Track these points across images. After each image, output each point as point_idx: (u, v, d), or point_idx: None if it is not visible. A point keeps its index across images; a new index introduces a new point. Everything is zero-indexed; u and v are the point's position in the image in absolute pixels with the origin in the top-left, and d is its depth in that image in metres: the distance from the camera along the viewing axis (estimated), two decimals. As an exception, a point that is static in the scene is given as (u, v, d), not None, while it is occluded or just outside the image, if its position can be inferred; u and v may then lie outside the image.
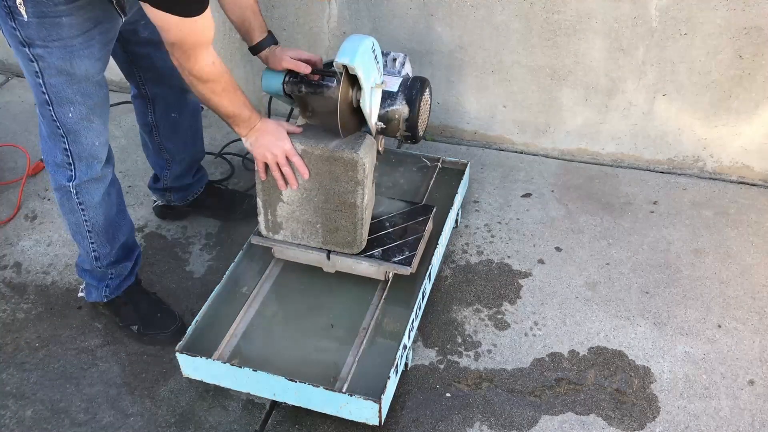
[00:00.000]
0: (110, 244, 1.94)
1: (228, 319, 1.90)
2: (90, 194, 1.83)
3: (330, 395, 1.67)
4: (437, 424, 1.78)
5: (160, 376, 1.92)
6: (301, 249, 1.95)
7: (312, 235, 1.91)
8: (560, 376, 1.89)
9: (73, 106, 1.69)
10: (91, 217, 1.86)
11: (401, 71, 2.01)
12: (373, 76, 1.78)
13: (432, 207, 2.10)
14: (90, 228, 1.88)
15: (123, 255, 1.99)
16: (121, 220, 1.96)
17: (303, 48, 2.40)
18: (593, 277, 2.16)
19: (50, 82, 1.64)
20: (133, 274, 2.04)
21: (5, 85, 3.14)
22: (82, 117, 1.71)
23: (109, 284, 2.00)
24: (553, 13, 2.33)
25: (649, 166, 2.58)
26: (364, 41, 1.72)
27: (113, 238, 1.94)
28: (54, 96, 1.66)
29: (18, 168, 2.63)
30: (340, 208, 1.84)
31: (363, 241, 1.91)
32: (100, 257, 1.94)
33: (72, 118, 1.70)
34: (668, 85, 2.38)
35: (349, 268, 1.95)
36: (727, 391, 1.84)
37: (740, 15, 2.17)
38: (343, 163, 1.77)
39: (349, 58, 1.70)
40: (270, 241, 1.97)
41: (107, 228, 1.91)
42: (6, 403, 1.86)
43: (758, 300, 2.07)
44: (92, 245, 1.91)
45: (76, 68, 1.64)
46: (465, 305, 2.08)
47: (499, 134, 2.68)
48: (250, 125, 1.77)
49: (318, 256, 1.95)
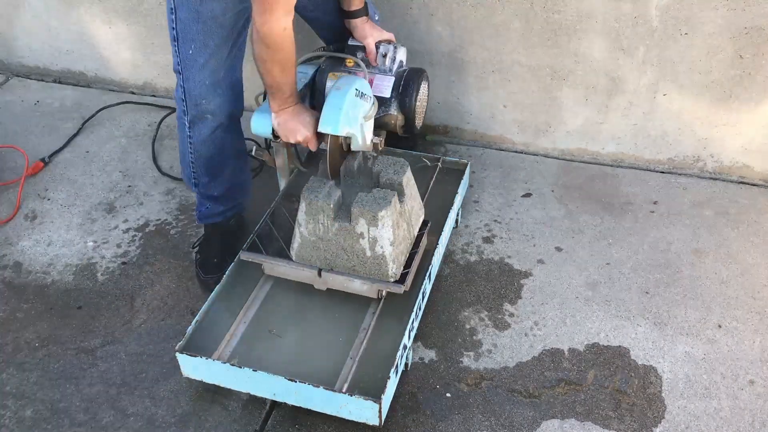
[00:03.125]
0: (209, 176, 2.07)
1: (228, 319, 1.90)
2: (199, 130, 1.97)
3: (330, 395, 1.67)
4: (437, 424, 1.78)
5: (160, 376, 1.91)
6: (292, 266, 1.91)
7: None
8: (560, 376, 1.88)
9: (194, 44, 1.82)
10: (196, 150, 2.01)
11: (393, 68, 2.01)
12: (361, 119, 1.82)
13: (427, 222, 2.05)
14: (194, 159, 2.04)
15: (222, 194, 2.12)
16: (225, 160, 2.06)
17: (302, 47, 2.39)
18: (593, 277, 2.16)
19: (180, 17, 1.80)
20: (223, 215, 2.17)
21: (5, 85, 3.14)
22: (199, 55, 1.84)
23: (201, 210, 2.18)
24: (554, 13, 2.33)
25: (649, 166, 2.58)
26: (345, 99, 1.76)
27: (214, 174, 2.07)
28: (180, 32, 1.82)
29: (18, 168, 2.63)
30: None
31: (396, 273, 1.87)
32: (199, 184, 2.10)
33: (191, 55, 1.84)
34: (668, 85, 2.38)
35: (341, 285, 1.91)
36: (728, 391, 1.84)
37: (740, 15, 2.17)
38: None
39: (331, 127, 1.77)
40: (260, 257, 1.94)
41: (209, 163, 2.04)
42: (6, 403, 1.86)
43: (758, 300, 2.07)
44: (194, 173, 2.08)
45: (204, 7, 1.77)
46: (465, 305, 2.08)
47: (499, 134, 2.68)
48: (285, 105, 1.84)
49: (309, 273, 1.91)
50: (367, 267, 1.84)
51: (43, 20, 2.97)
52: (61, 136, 2.80)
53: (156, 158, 2.67)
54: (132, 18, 2.84)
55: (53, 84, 3.13)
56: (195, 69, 1.87)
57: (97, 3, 2.84)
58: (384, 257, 1.81)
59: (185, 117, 1.96)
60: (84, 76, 3.10)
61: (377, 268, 1.83)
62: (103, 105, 2.95)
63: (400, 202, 1.85)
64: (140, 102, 2.98)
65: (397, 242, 1.83)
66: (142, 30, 2.86)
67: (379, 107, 1.94)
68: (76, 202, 2.49)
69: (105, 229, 2.38)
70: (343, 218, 1.81)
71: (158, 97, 3.02)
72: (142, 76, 3.02)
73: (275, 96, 1.82)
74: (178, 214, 2.43)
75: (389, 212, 1.78)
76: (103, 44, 2.97)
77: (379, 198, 1.79)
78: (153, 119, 2.88)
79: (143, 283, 2.18)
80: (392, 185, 1.87)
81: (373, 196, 1.80)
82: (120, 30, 2.89)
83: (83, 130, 2.84)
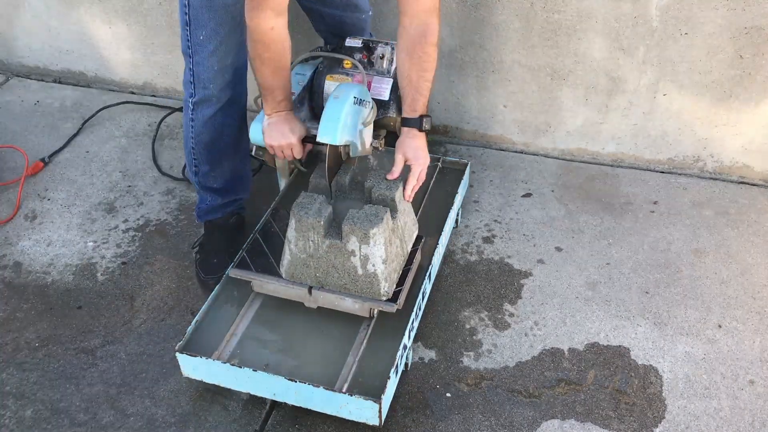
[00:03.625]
0: (209, 164, 2.07)
1: (228, 319, 1.90)
2: (201, 113, 1.99)
3: (330, 395, 1.67)
4: (437, 424, 1.78)
5: (160, 376, 1.91)
6: (282, 283, 1.86)
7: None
8: (560, 376, 1.89)
9: (205, 30, 1.85)
10: (197, 134, 2.02)
11: (391, 70, 2.01)
12: (360, 126, 1.83)
13: (421, 237, 2.00)
14: (194, 145, 2.05)
15: (222, 186, 2.13)
16: (224, 148, 2.07)
17: (302, 47, 2.39)
18: (593, 277, 2.16)
19: (193, 4, 1.83)
20: (222, 211, 2.18)
21: (5, 84, 3.14)
22: (210, 42, 1.87)
23: (201, 206, 2.18)
24: (553, 13, 2.33)
25: (649, 166, 2.58)
26: (343, 109, 1.75)
27: (214, 161, 2.08)
28: (193, 18, 1.85)
29: (18, 168, 2.63)
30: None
31: (388, 291, 1.82)
32: (199, 173, 2.10)
33: (202, 41, 1.87)
34: (668, 85, 2.38)
35: (332, 304, 1.85)
36: (728, 391, 1.84)
37: (740, 15, 2.17)
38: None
39: (330, 137, 1.76)
40: (249, 274, 1.89)
41: (209, 148, 2.05)
42: (6, 403, 1.86)
43: (758, 300, 2.07)
44: (194, 160, 2.08)
45: None
46: (465, 305, 2.08)
47: (499, 134, 2.68)
48: (277, 109, 1.85)
49: (299, 291, 1.85)
50: (359, 285, 1.79)
51: (43, 20, 2.97)
52: (61, 136, 2.80)
53: (156, 158, 2.67)
54: (132, 18, 2.84)
55: (53, 84, 3.13)
56: (205, 54, 1.89)
57: (97, 3, 2.84)
58: (376, 275, 1.76)
59: (191, 100, 1.98)
60: (84, 76, 3.10)
61: (369, 286, 1.78)
62: (103, 105, 2.95)
63: (392, 219, 1.79)
64: (140, 102, 2.98)
65: (389, 260, 1.78)
66: (142, 30, 2.86)
67: (379, 109, 1.94)
68: (76, 202, 2.49)
69: (105, 229, 2.38)
70: (334, 235, 1.75)
71: (158, 97, 3.02)
72: (142, 76, 3.02)
73: (267, 98, 1.83)
74: (178, 214, 2.43)
75: (381, 230, 1.72)
76: (103, 44, 2.97)
77: (371, 215, 1.73)
78: (153, 119, 2.88)
79: (143, 283, 2.18)
80: (385, 201, 1.82)
81: (365, 213, 1.74)
82: (120, 30, 2.89)
83: (83, 130, 2.84)
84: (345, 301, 1.83)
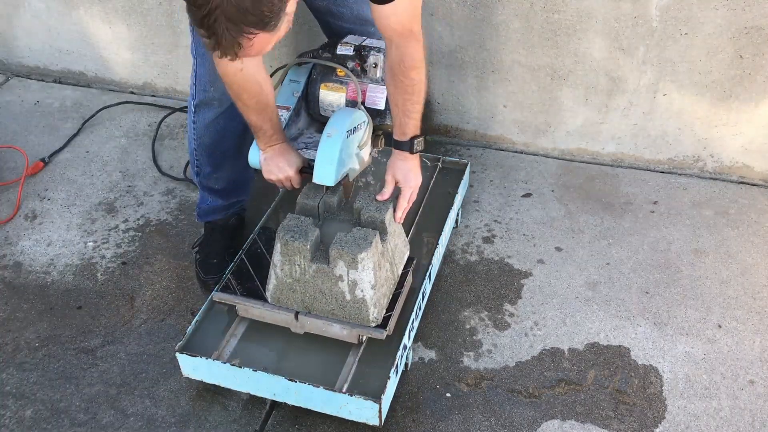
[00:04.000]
0: (211, 166, 2.08)
1: (228, 320, 1.90)
2: (203, 115, 1.99)
3: (330, 395, 1.67)
4: (437, 424, 1.78)
5: (160, 376, 1.91)
6: (267, 308, 1.81)
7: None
8: (560, 376, 1.89)
9: None
10: (199, 136, 2.03)
11: (384, 77, 1.97)
12: (356, 150, 1.80)
13: (412, 259, 1.94)
14: (196, 146, 2.06)
15: (223, 188, 2.13)
16: (226, 151, 2.07)
17: (302, 45, 2.39)
18: (593, 277, 2.16)
19: None
20: (223, 213, 2.19)
21: (5, 84, 3.14)
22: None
23: (201, 206, 2.19)
24: (553, 13, 2.33)
25: (649, 166, 2.58)
26: (338, 147, 1.70)
27: (215, 164, 2.08)
28: None
29: (18, 168, 2.63)
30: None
31: (377, 317, 1.77)
32: (201, 174, 2.11)
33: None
34: (668, 85, 2.38)
35: (319, 329, 1.79)
36: (728, 391, 1.84)
37: (740, 15, 2.17)
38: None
39: (326, 180, 1.72)
40: (234, 298, 1.85)
41: (211, 150, 2.05)
42: (6, 403, 1.86)
43: (758, 300, 2.07)
44: (197, 161, 2.09)
45: None
46: (465, 305, 2.08)
47: (499, 134, 2.68)
48: (270, 143, 1.84)
49: (285, 317, 1.80)
50: (347, 311, 1.74)
51: (43, 20, 2.97)
52: (61, 136, 2.80)
53: (156, 158, 2.67)
54: (132, 18, 2.84)
55: (53, 84, 3.13)
56: (207, 56, 1.88)
57: (97, 3, 2.84)
58: (364, 301, 1.71)
59: (192, 102, 1.99)
60: (84, 76, 3.10)
61: (357, 312, 1.73)
62: (103, 105, 2.95)
63: (382, 241, 1.74)
64: (140, 102, 2.98)
65: (378, 285, 1.72)
66: (142, 30, 2.86)
67: (375, 118, 1.91)
68: (76, 202, 2.49)
69: (105, 229, 2.38)
70: (321, 259, 1.70)
71: (158, 97, 3.02)
72: (142, 76, 3.02)
73: (258, 135, 1.83)
74: (178, 214, 2.43)
75: (370, 254, 1.66)
76: (103, 44, 2.97)
77: (360, 238, 1.68)
78: (153, 119, 2.88)
79: (143, 283, 2.18)
80: (374, 223, 1.76)
81: (353, 237, 1.68)
82: (120, 30, 2.89)
83: (83, 130, 2.84)
84: (333, 327, 1.77)
